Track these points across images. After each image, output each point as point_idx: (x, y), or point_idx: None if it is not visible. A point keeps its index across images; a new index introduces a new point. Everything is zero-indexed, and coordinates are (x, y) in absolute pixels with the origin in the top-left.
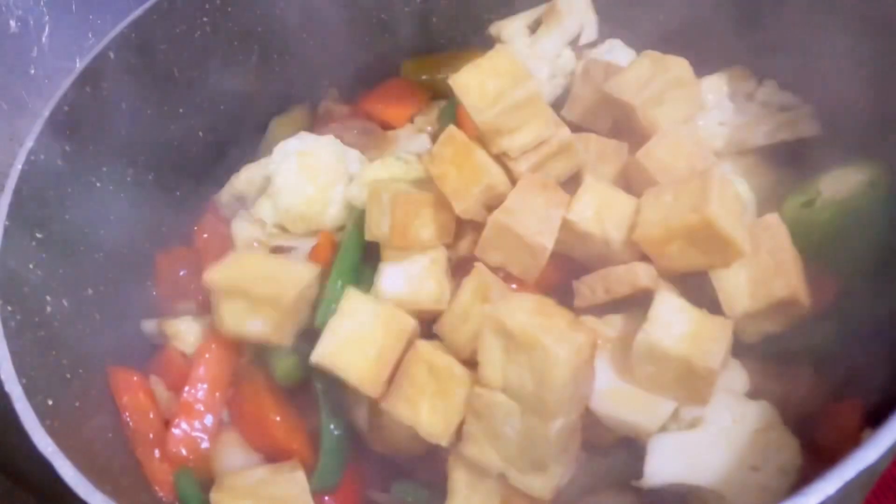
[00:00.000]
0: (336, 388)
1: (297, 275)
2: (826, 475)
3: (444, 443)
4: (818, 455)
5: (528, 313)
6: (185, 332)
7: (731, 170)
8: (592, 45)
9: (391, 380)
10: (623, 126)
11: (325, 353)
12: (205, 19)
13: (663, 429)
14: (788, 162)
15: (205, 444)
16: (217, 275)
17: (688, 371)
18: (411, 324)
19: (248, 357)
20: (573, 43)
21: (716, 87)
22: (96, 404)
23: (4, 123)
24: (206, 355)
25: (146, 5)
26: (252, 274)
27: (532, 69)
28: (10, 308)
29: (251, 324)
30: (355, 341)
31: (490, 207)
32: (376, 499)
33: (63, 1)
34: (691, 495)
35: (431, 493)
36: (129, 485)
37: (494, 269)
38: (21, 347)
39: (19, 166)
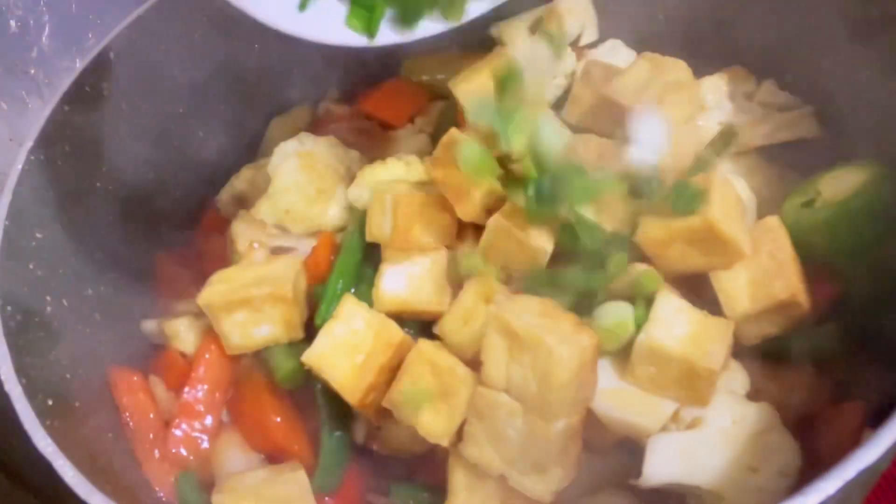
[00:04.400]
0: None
1: (284, 268)
2: (826, 475)
3: (444, 443)
4: (818, 457)
5: (533, 314)
6: (185, 332)
7: (731, 170)
8: (593, 45)
9: (371, 388)
10: (623, 127)
11: (315, 354)
12: (205, 19)
13: (663, 429)
14: (788, 162)
15: (205, 445)
16: (211, 295)
17: (688, 372)
18: (399, 336)
19: (248, 358)
20: (574, 44)
21: (716, 87)
22: (96, 404)
23: (4, 123)
24: (206, 356)
25: (146, 5)
26: (242, 283)
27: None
28: (10, 308)
29: (258, 331)
30: (345, 347)
31: (491, 210)
32: (375, 501)
33: (63, 1)
34: (690, 496)
35: (431, 495)
36: (129, 485)
37: None
38: (21, 347)
39: (19, 166)
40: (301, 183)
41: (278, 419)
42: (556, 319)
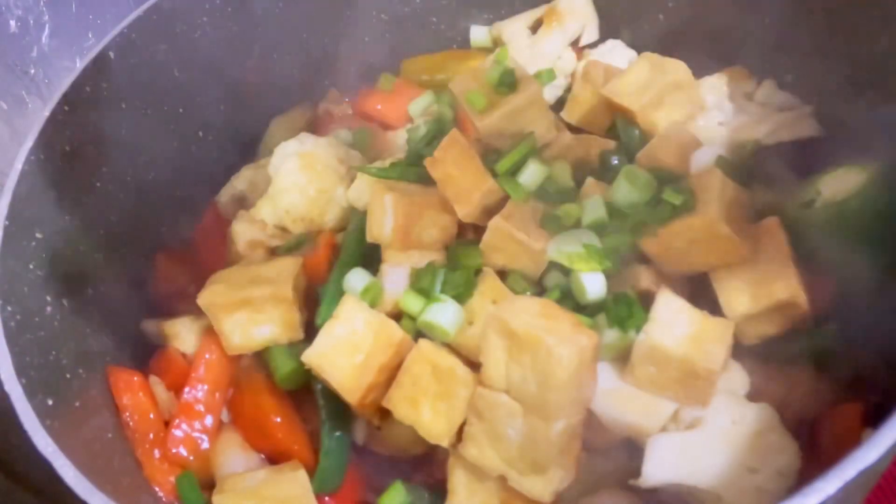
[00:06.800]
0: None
1: (285, 268)
2: (826, 475)
3: (444, 444)
4: (818, 457)
5: (532, 315)
6: (185, 332)
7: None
8: (593, 45)
9: (371, 388)
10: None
11: (315, 354)
12: (205, 19)
13: (663, 429)
14: (788, 162)
15: (205, 445)
16: (211, 295)
17: (688, 372)
18: (399, 336)
19: (248, 358)
20: (574, 43)
21: (715, 87)
22: (96, 404)
23: (4, 123)
24: (206, 356)
25: (146, 5)
26: (242, 283)
27: (532, 71)
28: (10, 308)
29: (258, 331)
30: (345, 346)
31: (491, 211)
32: (375, 501)
33: (63, 1)
34: (690, 496)
35: (431, 495)
36: (129, 485)
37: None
38: (21, 347)
39: (19, 166)
40: (301, 183)
41: (278, 419)
42: (555, 319)
